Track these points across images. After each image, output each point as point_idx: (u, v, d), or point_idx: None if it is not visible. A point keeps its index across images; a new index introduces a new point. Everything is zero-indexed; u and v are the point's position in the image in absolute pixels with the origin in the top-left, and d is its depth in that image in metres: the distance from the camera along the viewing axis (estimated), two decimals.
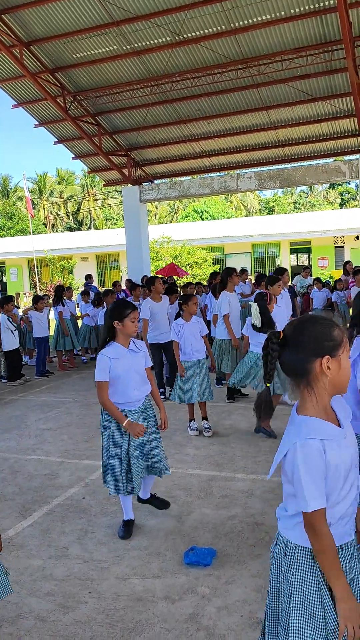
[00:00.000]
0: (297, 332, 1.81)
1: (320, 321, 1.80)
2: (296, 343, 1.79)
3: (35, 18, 11.99)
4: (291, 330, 1.83)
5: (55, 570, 3.55)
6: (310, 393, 1.80)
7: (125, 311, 3.72)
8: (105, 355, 3.73)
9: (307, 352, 1.77)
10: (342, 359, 1.78)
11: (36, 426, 7.05)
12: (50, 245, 32.28)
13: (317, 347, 1.76)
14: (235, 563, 3.49)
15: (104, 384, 3.74)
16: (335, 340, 1.77)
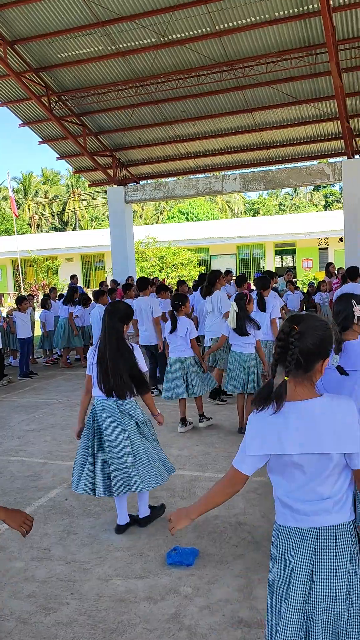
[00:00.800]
0: (312, 331, 1.90)
1: (325, 325, 1.95)
2: (312, 341, 1.89)
3: (19, 17, 11.92)
4: (306, 327, 1.90)
5: (37, 571, 3.53)
6: (308, 384, 1.93)
7: (130, 317, 3.99)
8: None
9: (318, 352, 1.91)
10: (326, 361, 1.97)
11: (19, 427, 7.00)
12: (35, 245, 32.10)
13: (324, 349, 1.93)
14: (217, 563, 3.50)
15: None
16: (332, 344, 1.97)
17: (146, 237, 27.22)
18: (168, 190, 15.71)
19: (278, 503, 2.00)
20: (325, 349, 1.92)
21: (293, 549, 1.92)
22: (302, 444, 1.86)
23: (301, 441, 1.86)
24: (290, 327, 1.89)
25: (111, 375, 3.77)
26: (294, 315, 1.97)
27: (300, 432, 1.86)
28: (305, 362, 1.89)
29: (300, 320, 1.92)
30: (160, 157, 16.09)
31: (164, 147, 15.64)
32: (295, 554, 1.92)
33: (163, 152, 15.93)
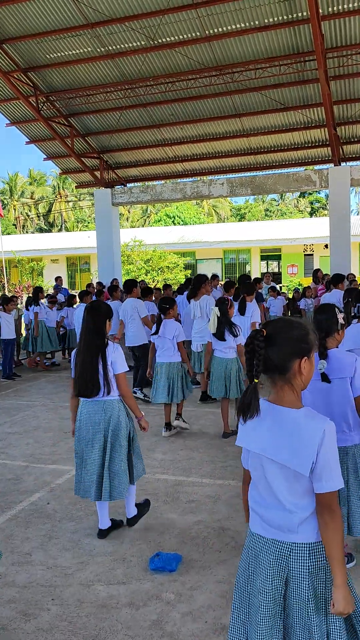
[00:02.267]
0: (282, 332, 1.91)
1: (298, 324, 1.95)
2: (281, 342, 1.90)
3: (8, 16, 11.84)
4: (274, 329, 1.92)
5: (18, 577, 3.48)
6: (290, 388, 1.91)
7: (111, 313, 3.94)
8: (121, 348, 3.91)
9: (290, 351, 1.89)
10: (312, 360, 1.94)
11: (1, 430, 6.92)
12: (20, 246, 31.85)
13: (298, 348, 1.90)
14: (200, 568, 3.48)
15: (125, 375, 3.91)
16: (311, 343, 1.93)
17: (132, 240, 27.17)
18: (155, 193, 15.69)
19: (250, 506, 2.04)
20: (299, 347, 1.89)
21: (258, 556, 1.94)
22: (264, 447, 1.89)
23: (265, 444, 1.89)
24: (257, 332, 1.91)
25: (79, 374, 3.74)
26: (267, 321, 2.00)
27: (269, 434, 1.89)
28: (278, 362, 1.89)
29: (269, 324, 1.96)
30: (148, 160, 16.08)
31: (152, 150, 15.63)
32: (258, 563, 1.93)
33: (151, 155, 15.92)
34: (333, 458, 1.83)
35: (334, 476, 1.82)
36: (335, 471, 1.82)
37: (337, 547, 1.80)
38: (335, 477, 1.82)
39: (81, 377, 3.74)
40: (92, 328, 3.78)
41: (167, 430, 6.37)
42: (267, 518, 1.92)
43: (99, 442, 3.76)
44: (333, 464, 1.82)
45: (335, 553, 1.80)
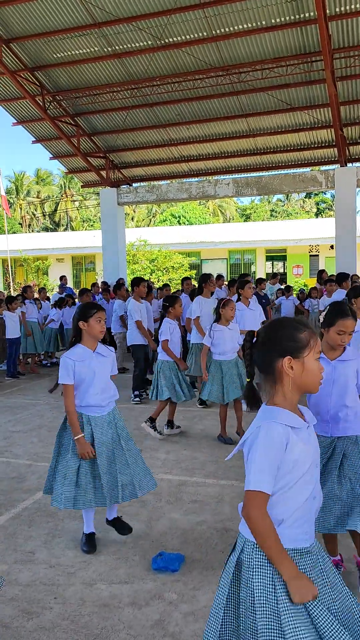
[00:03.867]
0: (266, 333, 1.91)
1: (288, 323, 1.89)
2: (264, 342, 1.89)
3: (15, 16, 11.87)
4: (262, 330, 1.93)
5: (20, 575, 3.48)
6: (278, 389, 1.87)
7: (90, 311, 3.60)
8: (68, 357, 3.63)
9: (272, 351, 1.86)
10: (307, 361, 1.84)
11: (5, 428, 6.94)
12: (26, 245, 31.91)
13: (280, 347, 1.85)
14: (203, 569, 3.47)
15: (68, 387, 3.63)
16: (299, 341, 1.84)
17: (138, 239, 27.19)
18: (161, 193, 15.70)
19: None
20: (281, 347, 1.84)
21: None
22: (243, 439, 1.90)
23: (245, 436, 1.91)
24: (248, 333, 1.97)
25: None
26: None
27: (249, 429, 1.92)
28: (259, 363, 1.90)
29: (265, 324, 1.99)
30: (154, 160, 16.09)
31: (158, 150, 15.64)
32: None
33: (157, 155, 15.93)
34: (256, 458, 1.77)
35: (249, 475, 1.79)
36: (252, 471, 1.78)
37: (264, 548, 1.76)
38: (249, 476, 1.79)
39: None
40: (75, 328, 3.71)
41: (169, 427, 6.38)
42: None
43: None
44: (253, 463, 1.78)
45: (267, 554, 1.77)
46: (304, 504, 1.84)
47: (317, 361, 1.87)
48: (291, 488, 1.81)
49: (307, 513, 1.85)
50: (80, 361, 3.62)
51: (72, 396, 3.64)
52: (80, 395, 3.67)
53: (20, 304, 10.58)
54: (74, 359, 3.61)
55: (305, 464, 1.82)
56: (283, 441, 1.78)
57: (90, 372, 3.63)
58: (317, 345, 1.86)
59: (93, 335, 3.64)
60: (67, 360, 3.62)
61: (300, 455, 1.81)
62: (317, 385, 1.89)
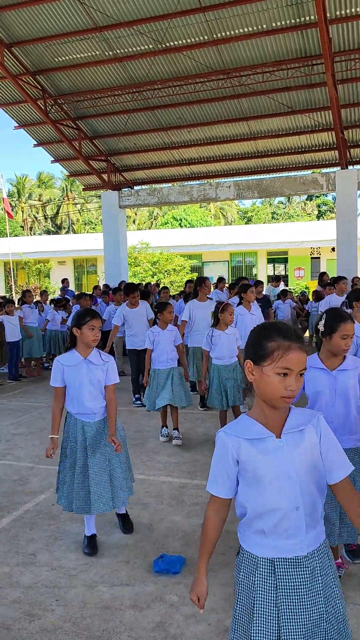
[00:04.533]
0: (249, 334, 1.92)
1: (264, 328, 1.84)
2: (246, 344, 1.91)
3: (17, 20, 11.93)
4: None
5: (22, 577, 3.50)
6: (256, 395, 1.87)
7: (84, 318, 3.61)
8: (59, 361, 3.71)
9: (246, 354, 1.88)
10: (265, 371, 1.76)
11: (7, 431, 6.95)
12: (28, 248, 31.97)
13: (248, 350, 1.86)
14: None
15: (56, 389, 3.73)
16: (263, 349, 1.78)
17: (139, 242, 27.23)
18: (162, 196, 15.74)
19: None
20: (247, 348, 1.85)
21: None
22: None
23: None
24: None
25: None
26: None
27: None
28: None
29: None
30: (155, 163, 16.13)
31: (159, 153, 15.68)
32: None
33: (158, 158, 15.97)
34: (212, 463, 1.92)
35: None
36: (209, 474, 1.93)
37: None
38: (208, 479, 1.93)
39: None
40: (70, 335, 3.76)
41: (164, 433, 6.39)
42: None
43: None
44: (210, 467, 1.93)
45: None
46: (287, 515, 1.79)
47: (277, 375, 1.75)
48: (260, 499, 1.80)
49: (295, 524, 1.80)
50: (70, 366, 3.67)
51: (59, 398, 3.74)
52: (71, 400, 3.73)
53: (17, 308, 10.56)
54: (63, 364, 3.68)
55: (267, 475, 1.78)
56: (230, 452, 1.84)
57: (78, 378, 3.66)
58: (281, 360, 1.74)
59: (85, 342, 3.65)
60: (58, 364, 3.71)
61: (257, 466, 1.79)
62: (276, 400, 1.77)
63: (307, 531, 1.81)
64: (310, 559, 1.82)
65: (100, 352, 3.76)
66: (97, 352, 3.73)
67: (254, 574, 1.84)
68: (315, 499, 1.84)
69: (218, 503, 1.94)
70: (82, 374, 3.66)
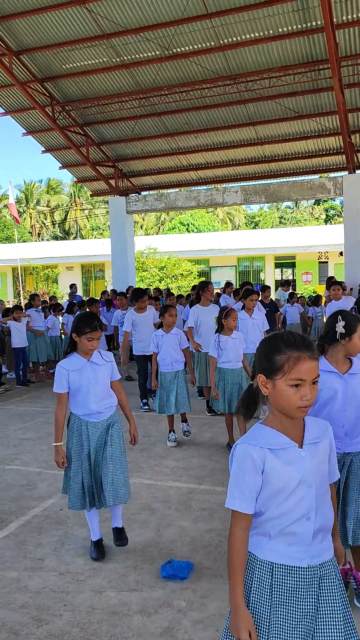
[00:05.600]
0: (259, 345, 1.90)
1: (274, 340, 1.83)
2: (256, 355, 1.90)
3: (25, 28, 12.04)
4: (260, 342, 1.94)
5: (30, 582, 3.50)
6: (270, 404, 1.86)
7: (84, 328, 3.60)
8: (62, 367, 3.68)
9: (257, 365, 1.87)
10: (278, 385, 1.77)
11: (15, 436, 6.97)
12: (36, 253, 32.15)
13: (259, 363, 1.85)
14: (212, 577, 3.47)
15: (60, 395, 3.71)
16: (273, 362, 1.78)
17: (147, 247, 27.30)
18: (169, 201, 15.78)
19: None
20: (259, 362, 1.85)
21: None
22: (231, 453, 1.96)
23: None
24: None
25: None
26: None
27: None
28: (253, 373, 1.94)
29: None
30: (162, 169, 16.19)
31: (166, 158, 15.74)
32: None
33: (165, 164, 16.02)
34: (231, 477, 1.84)
35: (228, 493, 1.84)
36: (228, 490, 1.84)
37: (227, 565, 1.83)
38: (228, 495, 1.84)
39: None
40: (71, 338, 3.77)
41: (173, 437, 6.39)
42: None
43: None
44: (230, 482, 1.84)
45: (228, 571, 1.83)
46: (296, 523, 1.80)
47: (291, 387, 1.75)
48: (279, 507, 1.79)
49: (301, 533, 1.80)
50: (74, 370, 3.67)
51: (62, 404, 3.72)
52: (78, 404, 3.72)
53: (25, 315, 10.59)
54: (67, 368, 3.67)
55: (289, 484, 1.79)
56: (255, 464, 1.78)
57: (85, 381, 3.66)
58: (293, 372, 1.74)
59: (82, 350, 3.68)
60: (61, 369, 3.69)
61: (280, 476, 1.78)
62: (293, 411, 1.77)
63: (312, 543, 1.81)
64: (310, 572, 1.81)
65: (100, 351, 3.78)
66: (97, 352, 3.75)
67: (252, 574, 1.84)
68: (328, 512, 1.86)
69: (246, 520, 1.81)
70: (88, 376, 3.67)
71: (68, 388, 3.69)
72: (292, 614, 1.79)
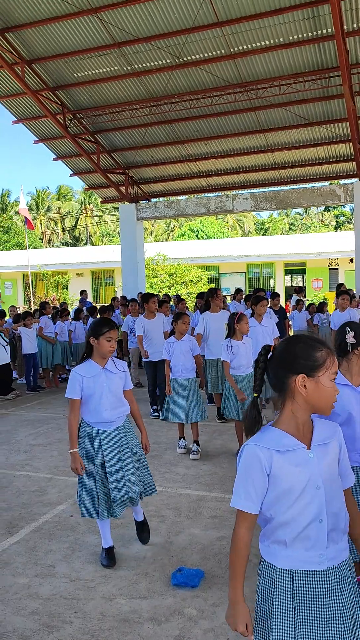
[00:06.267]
0: (282, 348, 1.87)
1: (305, 340, 1.85)
2: (279, 358, 1.86)
3: (37, 37, 12.17)
4: (279, 346, 1.90)
5: (41, 588, 3.51)
6: (287, 407, 1.84)
7: (102, 329, 3.58)
8: (77, 372, 3.65)
9: (286, 368, 1.83)
10: (322, 380, 1.79)
11: (26, 442, 7.00)
12: (46, 260, 32.33)
13: (294, 364, 1.81)
14: (223, 585, 3.46)
15: (72, 401, 3.68)
16: (314, 360, 1.80)
17: (157, 253, 27.36)
18: (179, 208, 15.83)
19: None
20: (295, 364, 1.80)
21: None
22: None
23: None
24: (264, 347, 1.93)
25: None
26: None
27: None
28: (272, 380, 1.88)
29: (283, 339, 1.96)
30: (173, 176, 16.25)
31: (176, 165, 15.80)
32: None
33: (175, 171, 16.08)
34: (237, 477, 1.86)
35: (234, 492, 1.86)
36: (233, 490, 1.86)
37: (229, 563, 1.88)
38: (233, 494, 1.86)
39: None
40: (87, 344, 3.75)
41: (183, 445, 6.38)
42: None
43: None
44: (236, 482, 1.86)
45: (229, 569, 1.89)
46: (309, 527, 1.80)
47: (332, 382, 1.81)
48: (288, 510, 1.79)
49: (316, 536, 1.80)
50: (89, 377, 3.65)
51: (75, 410, 3.69)
52: (90, 411, 3.70)
53: (35, 320, 10.68)
54: (82, 374, 3.65)
55: (297, 486, 1.79)
56: (262, 465, 1.78)
57: (98, 388, 3.64)
58: (333, 366, 1.81)
59: (101, 353, 3.65)
60: (76, 375, 3.66)
61: (287, 478, 1.78)
62: (329, 407, 1.83)
63: (328, 545, 1.81)
64: (331, 575, 1.82)
65: (114, 360, 3.78)
66: (112, 361, 3.75)
67: (273, 583, 1.84)
68: (339, 512, 1.85)
69: (250, 520, 1.84)
70: (102, 384, 3.65)
71: (81, 394, 3.67)
72: (320, 619, 1.78)
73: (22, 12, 11.55)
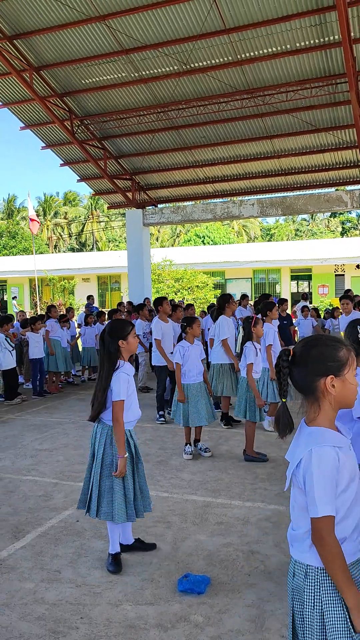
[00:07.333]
0: (305, 351, 1.91)
1: (326, 341, 1.90)
2: (304, 362, 1.90)
3: (46, 44, 12.26)
4: (300, 349, 1.93)
5: (47, 594, 3.50)
6: (318, 408, 1.89)
7: (126, 328, 3.73)
8: (125, 373, 3.68)
9: (313, 371, 1.87)
10: (348, 377, 1.87)
11: (32, 446, 7.00)
12: (53, 265, 32.43)
13: (322, 366, 1.86)
14: (229, 592, 3.44)
15: (124, 403, 3.66)
16: (339, 360, 1.87)
17: (163, 259, 27.40)
18: (186, 214, 15.86)
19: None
20: (322, 366, 1.85)
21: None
22: (295, 461, 1.90)
23: (288, 457, 1.94)
24: (283, 351, 1.95)
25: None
26: (301, 339, 2.01)
27: (291, 449, 1.94)
28: (301, 383, 1.91)
29: (299, 342, 1.97)
30: (179, 182, 16.29)
31: (183, 171, 15.84)
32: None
33: (182, 177, 16.13)
34: (315, 484, 1.77)
35: (314, 502, 1.77)
36: (315, 498, 1.77)
37: (332, 575, 1.78)
38: (314, 503, 1.77)
39: (93, 398, 3.79)
40: (100, 351, 3.80)
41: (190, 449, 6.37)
42: (289, 533, 1.99)
43: (90, 458, 3.85)
44: (313, 490, 1.77)
45: (334, 579, 1.78)
46: (358, 517, 1.87)
47: (354, 378, 1.89)
48: (349, 506, 1.83)
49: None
50: (132, 376, 3.80)
51: (124, 411, 3.68)
52: (131, 409, 3.78)
53: (43, 325, 10.71)
54: (129, 374, 3.74)
55: (355, 479, 1.84)
56: (336, 463, 1.80)
57: (133, 387, 3.79)
58: (354, 362, 1.89)
59: (131, 350, 3.78)
60: (125, 375, 3.68)
61: (349, 473, 1.83)
62: (354, 400, 1.91)
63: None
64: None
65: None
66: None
67: (322, 585, 1.84)
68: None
69: (333, 524, 1.80)
70: (133, 382, 3.82)
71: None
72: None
73: (30, 19, 11.64)
